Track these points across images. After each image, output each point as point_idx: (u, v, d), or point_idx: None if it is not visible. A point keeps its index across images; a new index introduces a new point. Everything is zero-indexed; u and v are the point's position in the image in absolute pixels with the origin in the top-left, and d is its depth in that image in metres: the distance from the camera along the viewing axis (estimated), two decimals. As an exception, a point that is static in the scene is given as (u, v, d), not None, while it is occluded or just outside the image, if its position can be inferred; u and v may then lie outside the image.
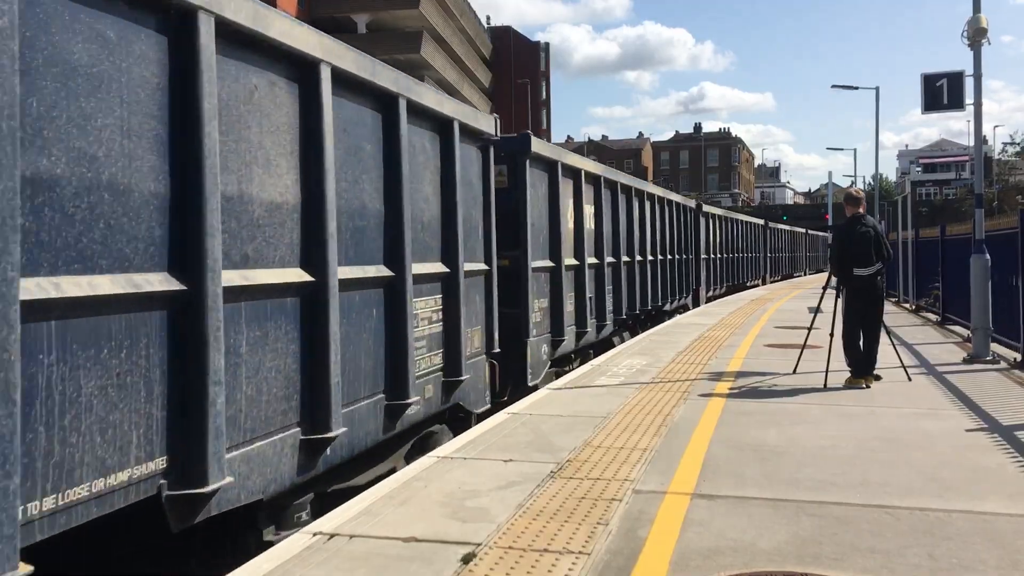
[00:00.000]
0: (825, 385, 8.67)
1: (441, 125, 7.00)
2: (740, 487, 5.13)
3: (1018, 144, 71.88)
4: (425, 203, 6.66)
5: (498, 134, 8.27)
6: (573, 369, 10.66)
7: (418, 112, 6.42)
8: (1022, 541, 4.20)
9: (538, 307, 9.76)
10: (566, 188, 10.92)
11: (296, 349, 4.77)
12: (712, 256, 24.94)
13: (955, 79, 12.43)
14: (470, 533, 4.31)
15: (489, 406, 7.96)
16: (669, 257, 18.19)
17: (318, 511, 5.00)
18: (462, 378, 7.07)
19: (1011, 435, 6.47)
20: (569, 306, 10.88)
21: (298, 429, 4.78)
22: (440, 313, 6.88)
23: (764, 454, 5.93)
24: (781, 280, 42.48)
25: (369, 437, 5.68)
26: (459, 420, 7.50)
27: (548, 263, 10.22)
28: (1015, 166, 74.82)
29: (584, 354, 12.08)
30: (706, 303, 22.65)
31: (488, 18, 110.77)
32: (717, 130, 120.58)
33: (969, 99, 12.14)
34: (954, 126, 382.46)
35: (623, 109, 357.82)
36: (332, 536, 4.29)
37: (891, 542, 4.18)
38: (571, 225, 11.17)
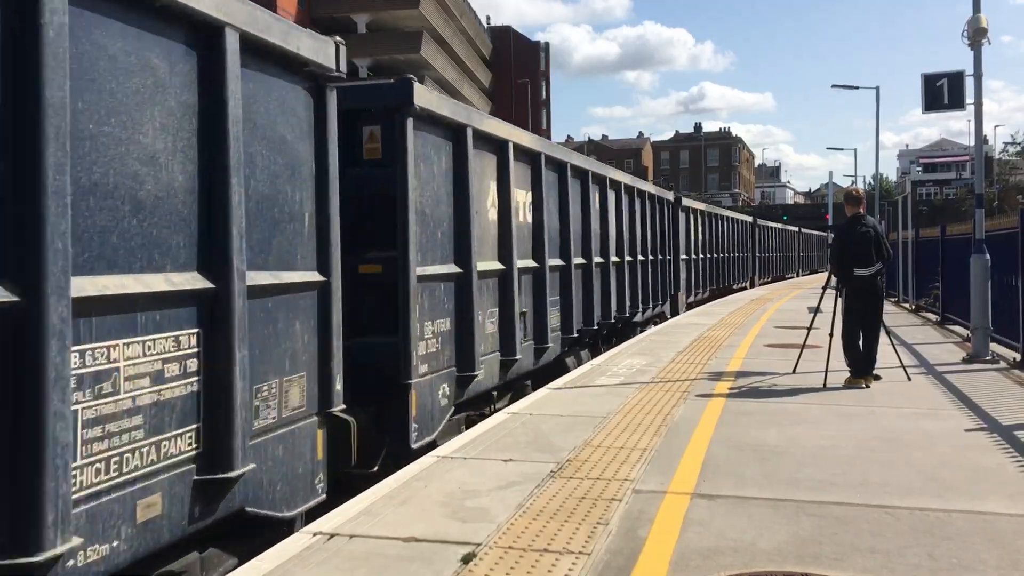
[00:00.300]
0: (825, 385, 8.67)
1: (255, 49, 4.40)
2: (740, 487, 5.13)
3: (1018, 144, 71.89)
4: (151, 167, 3.73)
5: (341, 69, 5.23)
6: (497, 411, 8.00)
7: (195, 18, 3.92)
8: (1022, 541, 4.20)
9: (431, 331, 6.94)
10: (484, 165, 8.21)
11: None
12: (693, 256, 21.96)
13: (955, 79, 12.43)
14: (470, 533, 4.31)
15: (323, 497, 5.10)
16: (640, 258, 15.35)
17: None
18: (233, 473, 4.09)
19: (1011, 435, 6.47)
20: (489, 327, 8.15)
21: None
22: (192, 362, 3.95)
23: (764, 454, 5.93)
24: (771, 282, 39.92)
25: None
26: (256, 528, 4.56)
27: (451, 268, 7.39)
28: (1015, 166, 74.82)
29: (519, 387, 9.31)
30: (687, 310, 20.47)
31: (488, 18, 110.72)
32: (717, 130, 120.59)
33: (969, 99, 12.15)
34: (954, 126, 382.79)
35: (623, 109, 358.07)
36: (332, 536, 4.30)
37: (891, 542, 4.18)
38: (493, 216, 8.45)
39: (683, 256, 20.42)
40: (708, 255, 24.53)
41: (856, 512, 4.64)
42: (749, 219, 35.33)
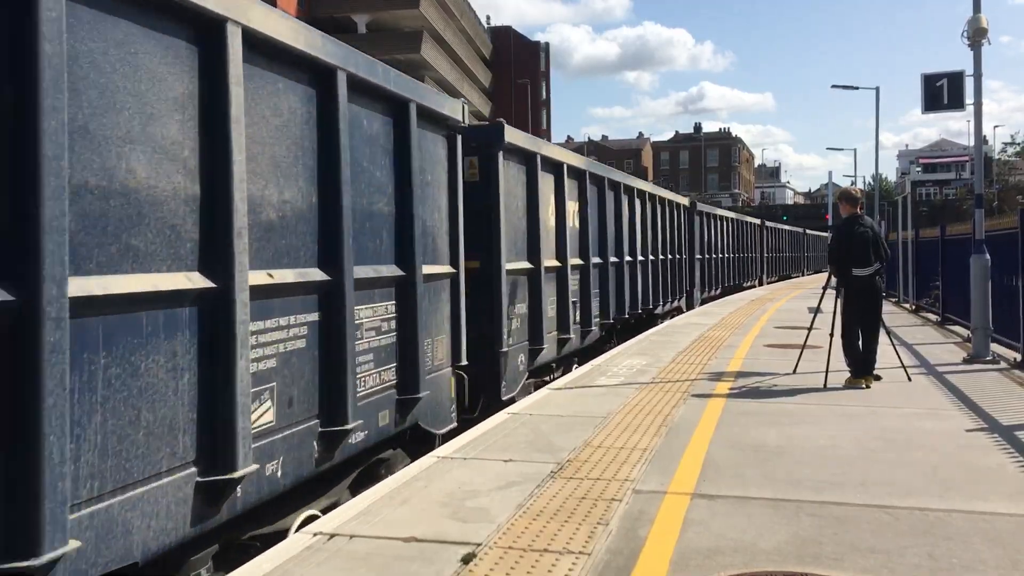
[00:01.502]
0: (825, 385, 8.67)
1: (396, 106, 6.05)
2: (740, 487, 5.13)
3: (1018, 144, 71.92)
4: (370, 196, 5.68)
5: (466, 121, 7.32)
6: (555, 379, 9.86)
7: (374, 91, 5.68)
8: (1022, 541, 4.20)
9: (514, 313, 8.90)
10: (546, 183, 10.12)
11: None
12: (707, 256, 23.93)
13: (955, 79, 12.43)
14: (470, 533, 4.31)
15: (455, 425, 7.11)
16: (661, 257, 17.42)
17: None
18: (420, 395, 6.17)
19: (1011, 435, 6.47)
20: (550, 311, 10.09)
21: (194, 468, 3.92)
22: (393, 322, 5.95)
23: (764, 454, 5.93)
24: (778, 281, 41.75)
25: (300, 472, 4.76)
26: (420, 441, 6.63)
27: (525, 264, 9.35)
28: (1015, 166, 74.85)
29: (568, 363, 11.22)
30: (700, 305, 21.99)
31: (488, 18, 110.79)
32: (717, 130, 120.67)
33: (969, 99, 12.15)
34: (953, 126, 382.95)
35: (623, 109, 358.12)
36: (332, 536, 4.30)
37: (891, 542, 4.18)
38: (552, 223, 10.37)
39: (698, 256, 22.29)
40: (720, 255, 26.31)
41: (856, 512, 4.64)
42: (757, 221, 36.95)
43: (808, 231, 60.49)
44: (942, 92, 12.48)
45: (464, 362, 7.35)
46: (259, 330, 4.38)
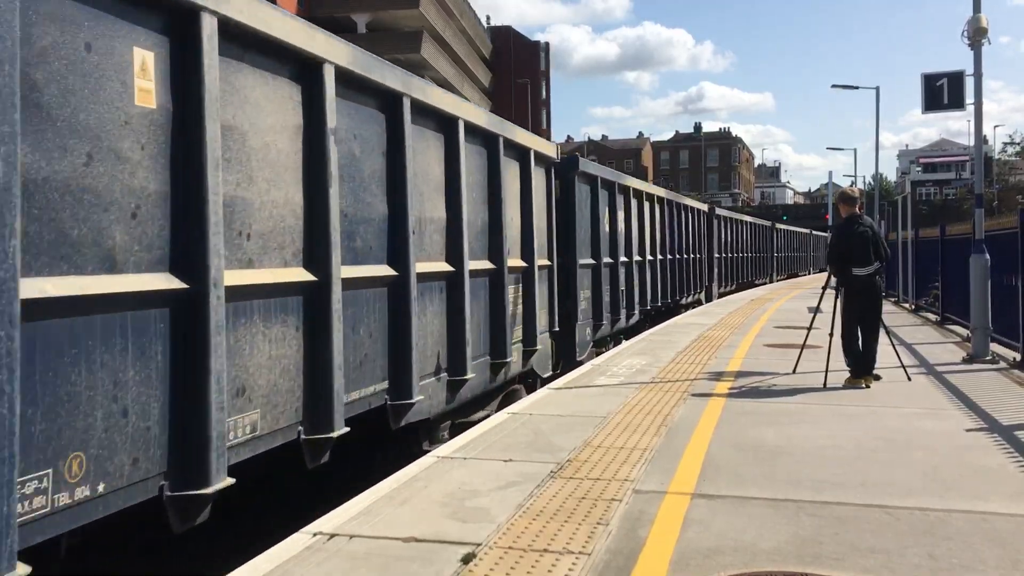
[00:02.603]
0: (825, 385, 8.67)
1: (521, 153, 9.23)
2: (740, 487, 5.13)
3: (1018, 144, 71.93)
4: (511, 215, 8.72)
5: (557, 158, 10.60)
6: (608, 350, 12.75)
7: (513, 145, 8.83)
8: (1022, 541, 4.20)
9: (583, 297, 11.75)
10: (604, 197, 12.96)
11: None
12: (723, 255, 26.80)
13: (955, 79, 12.43)
14: (470, 533, 4.31)
15: (551, 372, 10.23)
16: (686, 256, 20.27)
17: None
18: (536, 348, 9.28)
19: (1011, 435, 6.47)
20: (606, 297, 12.87)
21: (445, 373, 7.08)
22: (521, 298, 9.00)
23: (764, 454, 5.92)
24: (787, 278, 44.74)
25: (483, 385, 7.99)
26: (529, 385, 9.62)
27: (591, 261, 12.24)
28: (1015, 166, 74.86)
29: (616, 338, 14.30)
30: (717, 298, 24.69)
31: (488, 18, 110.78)
32: (717, 130, 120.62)
33: (969, 99, 12.15)
34: (953, 126, 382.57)
35: (622, 109, 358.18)
36: (332, 536, 4.29)
37: (891, 542, 4.18)
38: (607, 228, 13.15)
39: (716, 255, 25.29)
40: (735, 254, 29.40)
41: (856, 512, 4.64)
42: (768, 224, 39.90)
43: (813, 232, 62.12)
44: (942, 92, 12.48)
45: (556, 329, 10.46)
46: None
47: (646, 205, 16.09)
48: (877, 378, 8.88)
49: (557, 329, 10.42)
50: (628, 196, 14.58)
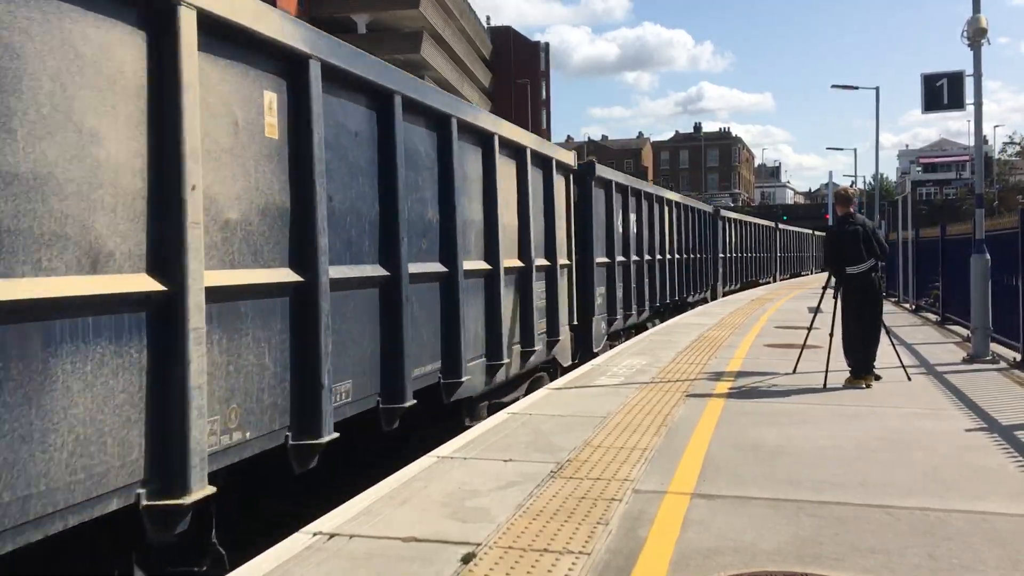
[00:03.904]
0: (825, 385, 8.67)
1: (545, 162, 9.98)
2: (740, 487, 5.13)
3: (1018, 144, 71.90)
4: (538, 219, 9.57)
5: (574, 165, 11.34)
6: (622, 343, 13.32)
7: (538, 155, 9.69)
8: (1022, 541, 4.20)
9: (599, 293, 12.47)
10: (617, 200, 13.62)
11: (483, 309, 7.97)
12: (728, 255, 27.50)
13: (955, 79, 12.42)
14: (470, 533, 4.31)
15: (572, 362, 10.96)
16: (692, 256, 21.01)
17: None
18: (559, 338, 10.07)
19: (1011, 435, 6.47)
20: (619, 293, 13.61)
21: (484, 358, 7.98)
22: (545, 293, 9.72)
23: (764, 454, 5.92)
24: (790, 277, 45.56)
25: (514, 370, 8.89)
26: (551, 373, 10.30)
27: (605, 259, 12.92)
28: (1015, 166, 74.84)
29: (628, 333, 14.90)
30: (723, 296, 25.41)
31: (488, 18, 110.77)
32: (717, 130, 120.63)
33: (969, 99, 12.14)
34: (953, 126, 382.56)
35: (622, 109, 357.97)
36: (332, 536, 4.29)
37: (891, 542, 4.18)
38: (620, 229, 13.82)
39: (720, 255, 25.92)
40: (740, 254, 30.07)
41: (856, 512, 4.64)
42: (771, 224, 40.35)
43: (816, 232, 62.39)
44: (942, 92, 12.47)
45: (576, 323, 11.24)
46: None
47: (655, 207, 16.76)
48: (877, 378, 8.88)
49: (576, 323, 11.25)
50: (640, 199, 15.41)
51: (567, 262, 10.87)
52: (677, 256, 18.94)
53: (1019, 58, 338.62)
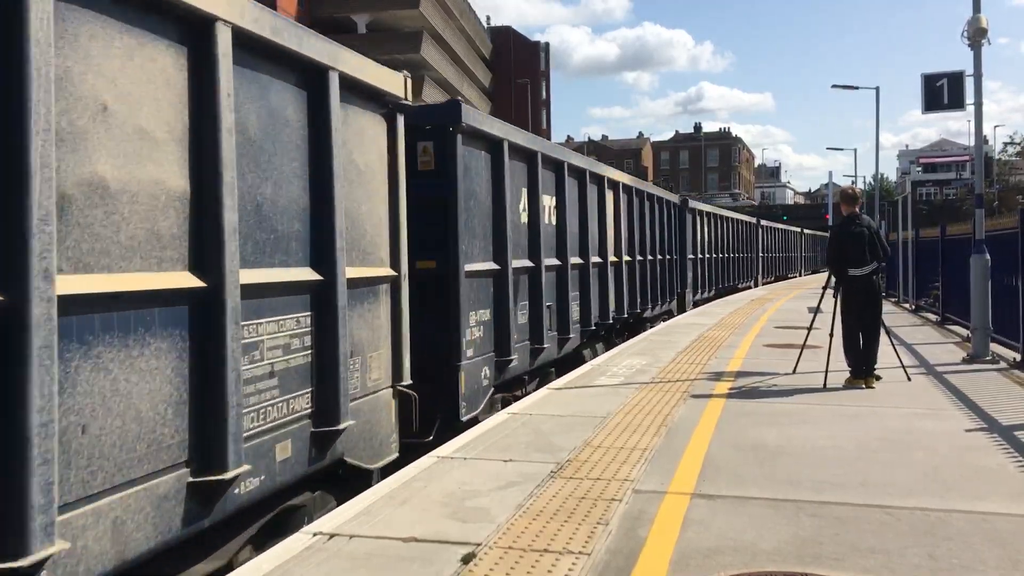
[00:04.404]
0: (825, 385, 8.67)
1: (308, 73, 5.03)
2: (740, 487, 5.13)
3: (1018, 144, 71.89)
4: (276, 185, 4.74)
5: (409, 98, 6.32)
6: (527, 394, 9.08)
7: (266, 51, 4.64)
8: (1022, 541, 4.20)
9: (475, 321, 7.94)
10: (517, 174, 9.20)
11: None
12: (700, 256, 22.92)
13: (955, 79, 12.43)
14: (470, 533, 4.31)
15: (396, 455, 6.15)
16: (650, 258, 16.39)
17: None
18: (340, 426, 5.12)
19: (1011, 435, 6.47)
20: (521, 318, 9.12)
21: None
22: (308, 338, 4.97)
23: (764, 454, 5.92)
24: (774, 282, 40.84)
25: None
26: (355, 476, 5.62)
27: (491, 265, 8.40)
28: (1015, 166, 74.82)
29: (544, 374, 10.27)
30: (693, 308, 21.23)
31: (488, 18, 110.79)
32: (717, 130, 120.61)
33: (969, 99, 12.15)
34: (953, 126, 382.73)
35: (622, 109, 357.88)
36: (332, 536, 4.29)
37: (891, 542, 4.18)
38: (523, 219, 9.44)
39: (690, 256, 21.23)
40: (714, 255, 25.28)
41: (856, 512, 4.64)
42: (753, 220, 36.01)
43: (806, 230, 60.44)
44: (942, 92, 12.48)
45: (407, 381, 6.36)
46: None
47: (592, 189, 12.15)
48: (877, 378, 8.87)
49: (408, 381, 6.39)
50: (562, 176, 10.75)
51: (386, 273, 6.10)
52: (628, 258, 14.43)
53: (1019, 58, 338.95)
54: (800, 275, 52.64)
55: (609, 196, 13.22)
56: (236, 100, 4.29)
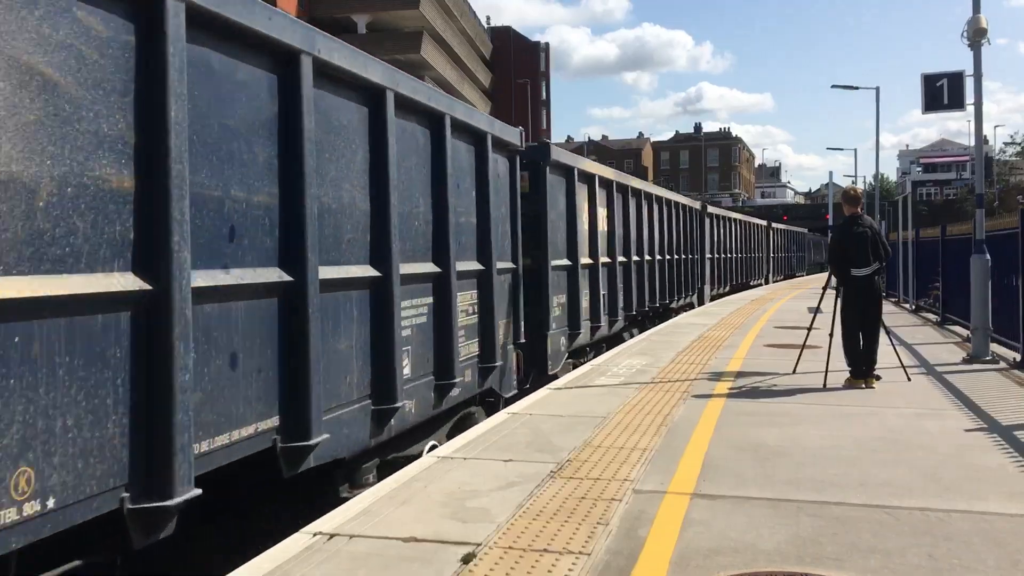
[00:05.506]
0: (825, 385, 8.67)
1: (476, 138, 7.68)
2: (740, 487, 5.13)
3: (1018, 144, 71.90)
4: (464, 209, 7.36)
5: (523, 144, 8.99)
6: (587, 361, 11.41)
7: (461, 127, 7.24)
8: (1022, 541, 4.20)
9: (557, 303, 10.37)
10: (581, 192, 11.55)
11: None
12: (716, 256, 25.35)
13: (955, 79, 12.43)
14: (470, 533, 4.31)
15: (517, 391, 8.73)
16: (675, 257, 18.81)
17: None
18: (495, 364, 7.85)
19: (1011, 435, 6.47)
20: (584, 302, 11.50)
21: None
22: (475, 307, 7.58)
23: (764, 454, 5.93)
24: (783, 279, 43.37)
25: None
26: (490, 404, 8.31)
27: (566, 262, 10.83)
28: (1015, 166, 74.82)
29: (598, 347, 12.76)
30: (710, 301, 23.23)
31: (488, 18, 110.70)
32: (717, 130, 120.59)
33: (969, 99, 12.15)
34: (952, 126, 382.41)
35: (622, 110, 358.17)
36: (332, 536, 4.30)
37: (891, 542, 4.18)
38: (586, 227, 11.86)
39: (708, 255, 23.77)
40: (729, 255, 27.97)
41: (856, 512, 4.64)
42: (763, 223, 38.64)
43: (810, 231, 61.64)
44: (942, 92, 12.47)
45: (523, 341, 9.03)
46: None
47: (632, 201, 14.78)
48: (877, 378, 8.87)
49: (524, 340, 9.12)
50: (611, 191, 13.33)
51: (511, 265, 8.68)
52: (659, 257, 17.01)
53: (1018, 59, 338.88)
54: (806, 274, 54.44)
55: (645, 205, 15.85)
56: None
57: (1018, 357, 10.34)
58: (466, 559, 3.95)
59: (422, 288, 6.40)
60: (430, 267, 6.54)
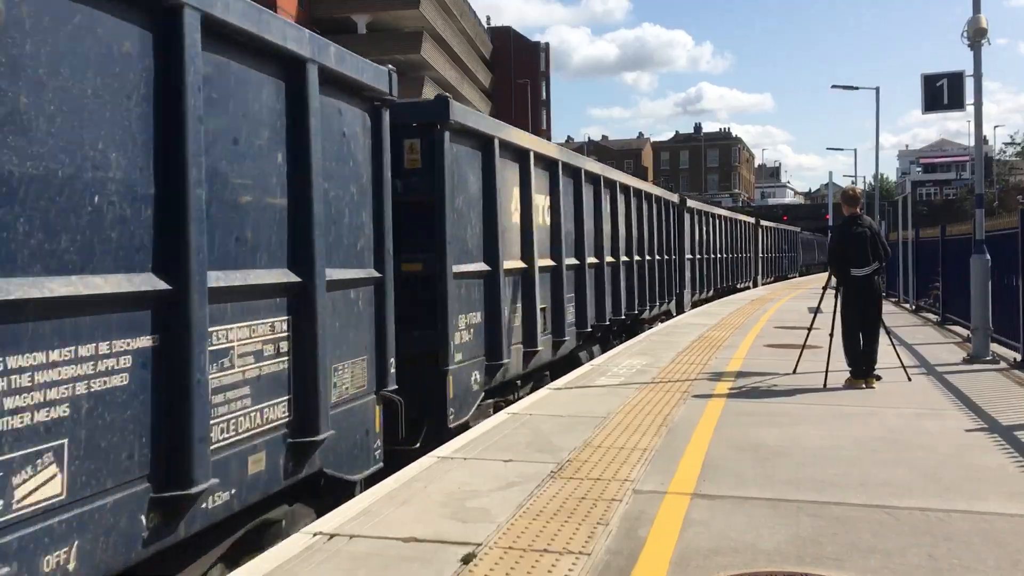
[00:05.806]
0: (825, 385, 8.67)
1: (285, 64, 4.64)
2: (740, 487, 5.13)
3: (1018, 144, 71.91)
4: (252, 181, 4.36)
5: (395, 93, 5.94)
6: (520, 398, 8.72)
7: (236, 38, 4.19)
8: (1022, 541, 4.20)
9: (464, 324, 7.56)
10: (509, 173, 8.74)
11: None
12: (698, 256, 22.57)
13: (955, 79, 12.43)
14: (470, 533, 4.31)
15: (381, 465, 5.83)
16: (648, 258, 16.01)
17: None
18: (320, 437, 4.79)
19: (1011, 435, 6.47)
20: (515, 320, 8.75)
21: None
22: (285, 343, 4.61)
23: (764, 454, 5.93)
24: (775, 282, 40.86)
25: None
26: (337, 487, 5.30)
27: (481, 267, 7.97)
28: (1015, 166, 74.84)
29: (538, 378, 9.89)
30: (692, 308, 21.04)
31: (488, 18, 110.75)
32: (717, 130, 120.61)
33: (969, 99, 12.15)
34: (952, 126, 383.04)
35: (622, 110, 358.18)
36: (332, 536, 4.30)
37: (891, 542, 4.18)
38: (516, 219, 8.92)
39: (688, 256, 21.00)
40: (713, 255, 25.05)
41: (856, 512, 4.64)
42: (752, 220, 36.02)
43: (805, 231, 60.50)
44: (942, 92, 12.48)
45: (392, 386, 6.08)
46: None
47: (587, 189, 11.90)
48: (878, 378, 8.87)
49: (394, 386, 6.16)
50: (556, 175, 10.32)
51: (368, 274, 5.75)
52: (625, 259, 14.04)
53: (1018, 59, 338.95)
54: (800, 276, 52.67)
55: (606, 195, 12.88)
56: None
57: (1018, 357, 10.34)
58: (466, 559, 3.95)
59: (111, 323, 3.37)
60: (139, 281, 3.51)
